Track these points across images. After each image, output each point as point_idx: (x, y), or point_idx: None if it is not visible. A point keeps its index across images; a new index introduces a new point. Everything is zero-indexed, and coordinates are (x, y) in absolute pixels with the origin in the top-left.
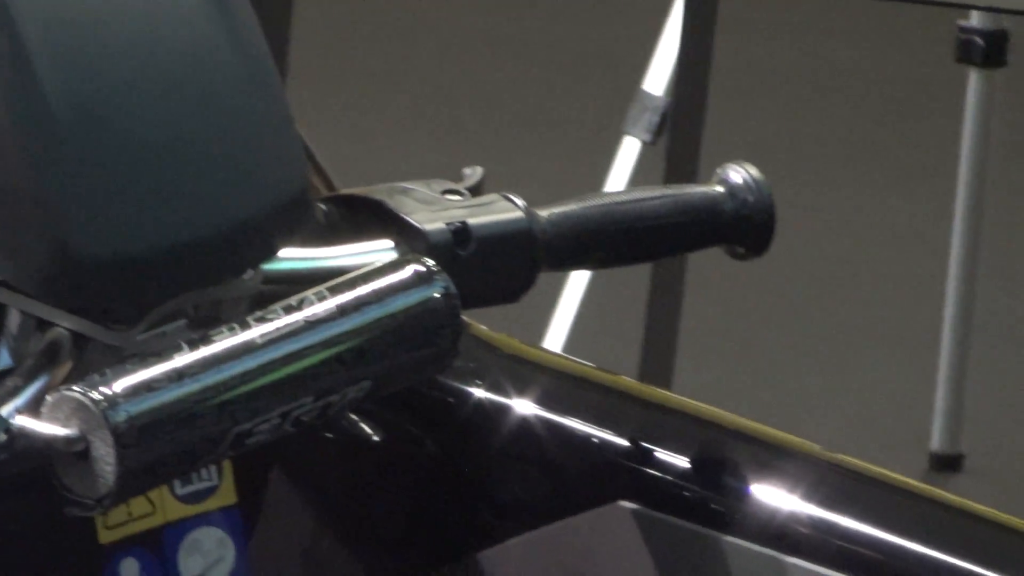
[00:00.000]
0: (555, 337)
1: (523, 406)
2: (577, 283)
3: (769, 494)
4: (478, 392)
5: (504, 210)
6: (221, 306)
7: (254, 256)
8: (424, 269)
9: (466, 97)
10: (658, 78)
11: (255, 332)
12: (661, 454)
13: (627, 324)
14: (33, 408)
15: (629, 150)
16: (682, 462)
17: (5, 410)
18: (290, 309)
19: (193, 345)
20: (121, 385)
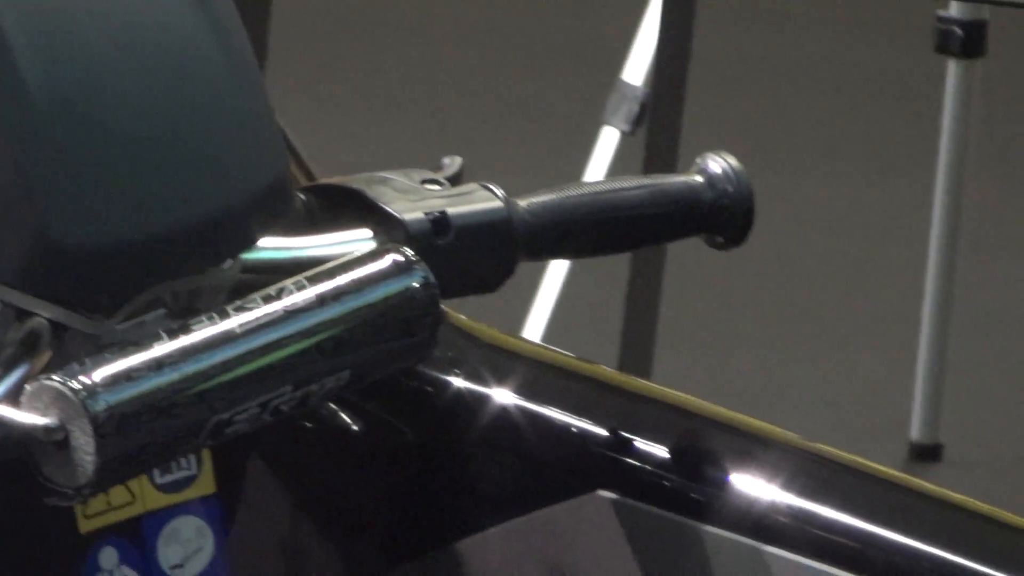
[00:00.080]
0: (534, 327)
1: (502, 396)
2: (556, 273)
3: (748, 484)
4: (457, 381)
5: (483, 200)
6: (200, 295)
7: (233, 245)
8: (403, 259)
9: (445, 87)
10: (637, 68)
11: (234, 321)
12: (640, 444)
13: (606, 314)
14: (12, 397)
15: (608, 140)
16: (661, 452)
17: None
18: (269, 299)
19: (172, 334)
20: (100, 374)
